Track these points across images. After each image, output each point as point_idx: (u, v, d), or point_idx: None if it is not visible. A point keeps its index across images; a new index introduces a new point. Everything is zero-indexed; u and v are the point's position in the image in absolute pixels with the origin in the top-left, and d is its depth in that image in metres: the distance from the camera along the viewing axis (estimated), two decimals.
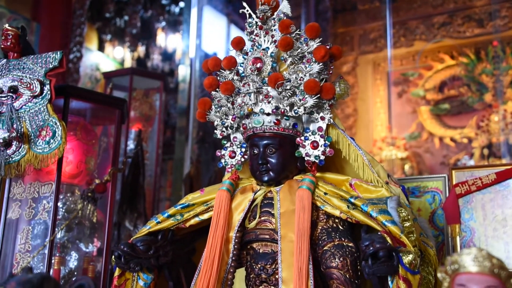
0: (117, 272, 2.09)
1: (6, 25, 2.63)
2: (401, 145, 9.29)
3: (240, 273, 2.17)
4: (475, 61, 9.03)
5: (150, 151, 4.80)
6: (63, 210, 2.77)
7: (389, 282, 1.70)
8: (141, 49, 10.16)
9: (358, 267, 1.90)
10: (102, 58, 9.28)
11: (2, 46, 2.60)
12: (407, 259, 1.66)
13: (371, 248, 1.64)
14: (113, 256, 2.07)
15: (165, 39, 9.93)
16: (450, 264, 1.09)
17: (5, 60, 2.62)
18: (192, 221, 2.16)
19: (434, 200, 2.89)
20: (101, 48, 9.56)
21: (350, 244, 1.93)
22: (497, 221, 2.63)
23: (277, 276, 1.94)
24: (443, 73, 9.43)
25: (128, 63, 9.79)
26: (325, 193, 1.97)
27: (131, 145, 4.59)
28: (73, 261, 2.84)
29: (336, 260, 1.89)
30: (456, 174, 2.79)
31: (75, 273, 2.82)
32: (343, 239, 1.94)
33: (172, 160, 7.40)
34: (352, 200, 1.91)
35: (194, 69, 7.95)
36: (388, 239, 1.71)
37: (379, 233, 1.75)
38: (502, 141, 8.42)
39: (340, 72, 9.53)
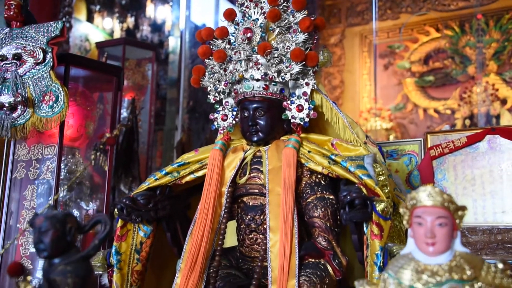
0: (119, 223, 2.30)
1: None
2: (386, 116, 9.51)
3: (231, 227, 2.39)
4: (460, 34, 9.18)
5: (143, 119, 4.96)
6: (65, 171, 2.96)
7: (364, 228, 1.93)
8: (130, 20, 10.17)
9: (338, 217, 2.12)
10: (91, 29, 9.30)
11: (5, 15, 2.75)
12: (380, 207, 1.88)
13: (348, 197, 1.87)
14: (115, 209, 2.27)
15: (155, 10, 9.95)
16: (409, 200, 1.31)
17: (8, 29, 2.77)
18: (188, 178, 2.36)
19: (410, 162, 3.11)
20: (90, 18, 9.56)
21: (331, 197, 2.15)
22: (466, 180, 2.86)
23: (265, 226, 2.15)
24: (428, 46, 9.59)
25: (117, 34, 9.82)
26: (309, 151, 2.18)
27: (124, 113, 4.75)
28: None
29: (318, 210, 2.12)
30: (431, 138, 3.01)
31: None
32: (324, 192, 2.16)
33: (162, 131, 7.55)
34: (333, 157, 2.12)
35: (184, 40, 8.03)
36: (364, 190, 1.93)
37: (356, 185, 1.97)
38: (483, 112, 8.65)
39: (327, 44, 9.67)
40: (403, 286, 1.24)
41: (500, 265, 1.31)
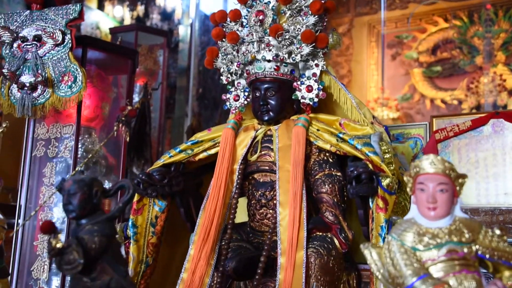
0: (136, 197, 2.40)
1: None
2: (393, 106, 9.55)
3: (242, 205, 2.48)
4: (468, 24, 9.18)
5: (154, 104, 5.06)
6: (82, 150, 3.07)
7: (370, 202, 2.02)
8: (140, 8, 10.25)
9: (345, 193, 2.22)
10: (101, 17, 9.39)
11: None
12: (385, 182, 1.97)
13: (355, 172, 1.96)
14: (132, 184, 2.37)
15: None
16: (413, 168, 1.40)
17: (28, 11, 2.87)
18: (201, 155, 2.46)
19: (416, 145, 3.19)
20: (100, 6, 9.65)
21: (338, 174, 2.25)
22: (470, 163, 2.95)
23: (275, 201, 2.25)
24: (436, 36, 9.59)
25: (127, 22, 9.90)
26: (318, 130, 2.28)
27: (136, 98, 4.85)
28: None
29: (326, 186, 2.22)
30: (436, 122, 3.10)
31: None
32: (332, 169, 2.26)
33: (171, 119, 7.64)
34: (341, 135, 2.22)
35: (194, 28, 8.10)
36: (370, 165, 2.02)
37: (362, 161, 2.06)
38: (490, 102, 8.68)
39: None
40: (405, 248, 1.34)
41: (498, 231, 1.40)
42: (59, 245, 1.35)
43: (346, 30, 9.92)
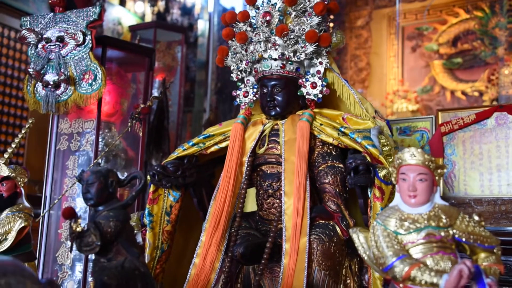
0: (152, 188, 2.57)
1: None
2: (412, 98, 9.56)
3: (252, 195, 2.63)
4: (490, 15, 9.11)
5: (173, 98, 5.24)
6: (102, 143, 3.26)
7: (368, 192, 2.15)
8: (161, 4, 10.44)
9: (346, 183, 2.35)
10: (123, 13, 9.60)
11: (50, 1, 3.04)
12: (382, 173, 2.09)
13: (353, 164, 2.10)
14: (148, 176, 2.54)
15: None
16: (396, 160, 1.53)
17: (52, 14, 3.06)
18: (212, 149, 2.61)
19: (422, 138, 3.30)
20: (122, 2, 9.86)
21: (340, 165, 2.38)
22: (474, 155, 3.05)
23: (281, 191, 2.39)
24: (457, 27, 9.54)
25: (148, 18, 10.10)
26: (321, 124, 2.41)
27: (155, 93, 5.03)
28: None
29: (329, 177, 2.36)
30: (441, 115, 3.20)
31: None
32: (335, 161, 2.39)
33: (191, 113, 7.82)
34: (342, 129, 2.35)
35: (212, 23, 8.24)
36: (368, 157, 2.15)
37: (361, 153, 2.19)
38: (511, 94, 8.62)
39: (354, 27, 9.76)
40: (388, 231, 1.47)
41: (476, 217, 1.52)
42: (79, 229, 1.52)
43: (364, 23, 9.94)
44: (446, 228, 1.45)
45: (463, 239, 1.44)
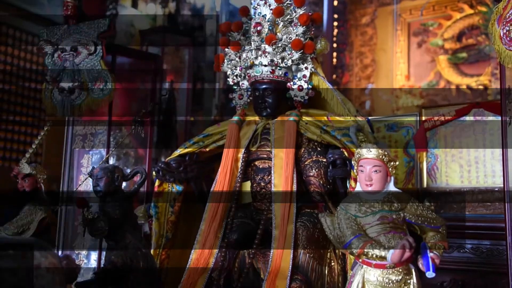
0: (157, 183, 2.87)
1: None
2: (417, 94, 9.72)
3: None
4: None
5: (181, 99, 5.53)
6: (114, 143, 3.57)
7: (347, 183, 2.43)
8: (171, 5, 10.72)
9: None
10: (135, 14, 9.86)
11: (64, 14, 3.35)
12: None
13: (331, 158, 2.38)
14: (153, 172, 2.83)
15: None
16: (356, 155, 1.80)
17: (66, 25, 3.37)
18: (211, 146, 2.90)
19: (408, 134, 3.55)
20: (134, 5, 10.15)
21: (324, 160, 2.65)
22: (455, 148, 3.29)
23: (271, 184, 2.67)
24: (461, 23, 9.65)
25: (160, 19, 10.37)
26: (306, 123, 2.69)
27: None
28: None
29: (313, 170, 2.63)
30: (425, 112, 3.45)
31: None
32: (319, 156, 2.66)
33: (202, 111, 8.09)
34: (324, 127, 2.62)
35: (220, 22, 8.46)
36: (345, 152, 2.42)
37: (339, 149, 2.47)
38: None
39: (359, 24, 9.96)
40: (348, 215, 1.75)
41: (427, 203, 1.79)
42: (90, 216, 1.82)
43: (369, 20, 10.11)
44: (397, 211, 1.72)
45: (412, 221, 1.71)
